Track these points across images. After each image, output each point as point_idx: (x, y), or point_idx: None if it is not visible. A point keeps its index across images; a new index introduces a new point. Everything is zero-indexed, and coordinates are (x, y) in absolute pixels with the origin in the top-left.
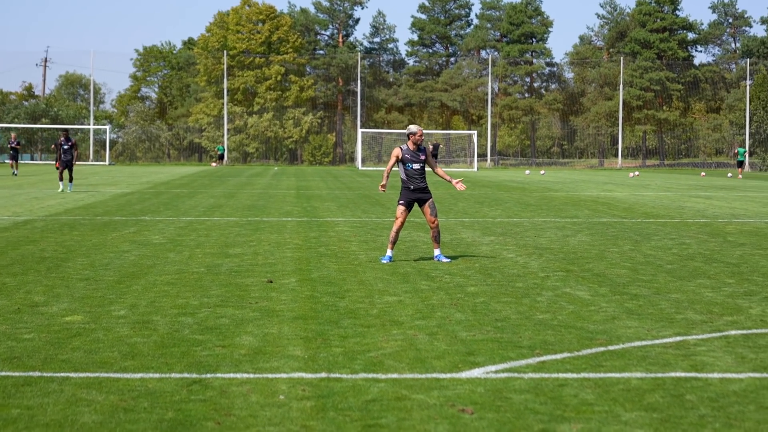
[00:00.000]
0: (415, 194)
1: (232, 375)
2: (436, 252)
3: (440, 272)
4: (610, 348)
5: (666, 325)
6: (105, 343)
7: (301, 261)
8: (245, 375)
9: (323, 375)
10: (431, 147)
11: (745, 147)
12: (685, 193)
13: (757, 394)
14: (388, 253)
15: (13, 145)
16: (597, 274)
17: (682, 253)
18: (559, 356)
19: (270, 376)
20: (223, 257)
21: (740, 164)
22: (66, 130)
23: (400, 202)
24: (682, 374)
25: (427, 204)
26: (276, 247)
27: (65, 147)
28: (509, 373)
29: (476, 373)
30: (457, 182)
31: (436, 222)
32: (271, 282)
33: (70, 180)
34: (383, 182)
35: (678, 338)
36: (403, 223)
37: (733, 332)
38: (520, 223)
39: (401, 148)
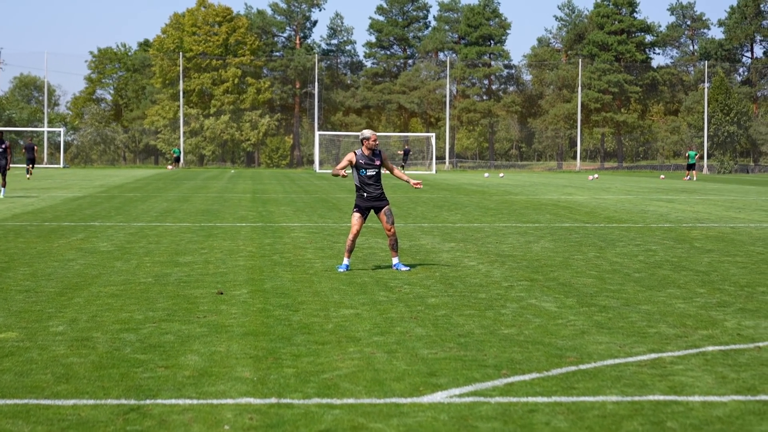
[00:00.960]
0: (370, 202)
1: (173, 401)
2: (395, 261)
3: (399, 282)
4: (582, 367)
5: (639, 341)
6: (38, 363)
7: (254, 270)
8: (188, 401)
9: (273, 400)
10: (402, 151)
11: (695, 150)
12: (646, 196)
13: (743, 420)
14: (345, 261)
15: None
16: (563, 283)
17: (649, 261)
18: (527, 377)
19: (215, 401)
20: (173, 266)
21: (690, 167)
22: (0, 131)
23: (355, 209)
24: (661, 397)
25: (383, 211)
26: (228, 255)
27: None
28: (475, 396)
29: (439, 397)
30: (415, 183)
31: (392, 230)
32: (222, 294)
33: (3, 185)
34: (337, 170)
35: (653, 355)
36: (358, 231)
37: (710, 348)
38: (481, 228)
39: (356, 153)
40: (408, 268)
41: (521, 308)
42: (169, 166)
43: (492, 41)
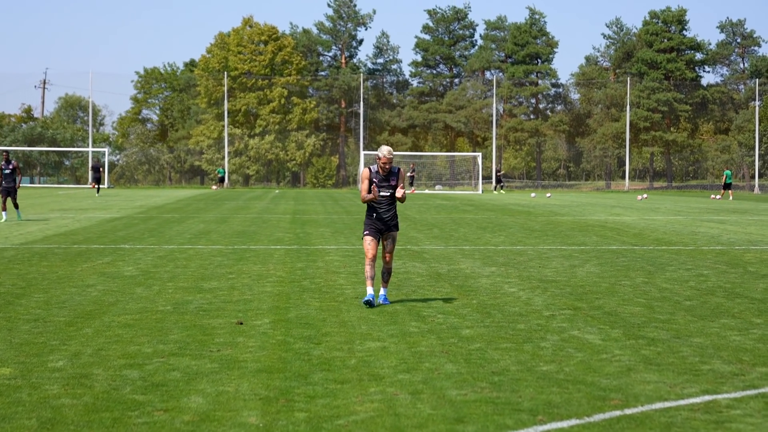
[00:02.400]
0: (379, 224)
1: None
2: (382, 291)
3: (433, 311)
4: (627, 412)
5: (691, 380)
6: (26, 406)
7: (280, 297)
8: None
9: None
10: (410, 170)
11: (731, 170)
12: (696, 217)
13: None
14: (368, 291)
15: None
16: (608, 312)
17: (700, 287)
18: (566, 423)
19: None
20: (196, 293)
21: (727, 186)
22: (6, 152)
23: (365, 233)
24: None
25: (389, 236)
26: (256, 281)
27: (5, 171)
28: None
29: None
30: (400, 191)
31: (389, 258)
32: (242, 324)
33: (16, 207)
34: (373, 195)
35: (707, 397)
36: (375, 256)
37: None
38: (524, 251)
39: (370, 170)
40: (367, 299)
41: (562, 341)
42: (214, 186)
43: (539, 60)
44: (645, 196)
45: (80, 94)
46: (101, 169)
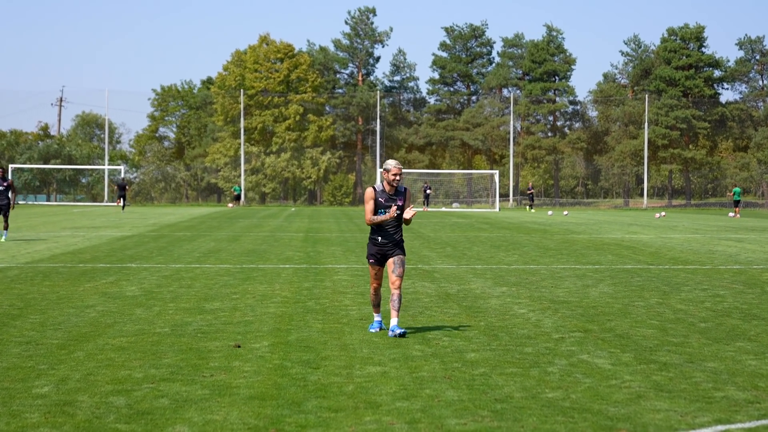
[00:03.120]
0: (382, 248)
1: None
2: (393, 322)
3: (439, 333)
4: None
5: (703, 408)
6: None
7: (282, 318)
8: None
9: None
10: (423, 191)
11: (740, 187)
12: (714, 235)
13: None
14: (375, 318)
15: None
16: (620, 335)
17: (716, 308)
18: None
19: None
20: (197, 314)
21: (736, 203)
22: (2, 168)
23: (370, 259)
24: None
25: (393, 258)
26: (260, 301)
27: (0, 188)
28: None
29: None
30: (410, 212)
31: (398, 282)
32: (239, 347)
33: (6, 227)
34: (387, 216)
35: (720, 427)
36: (380, 283)
37: None
38: (537, 270)
39: (374, 189)
40: (403, 332)
41: (571, 365)
42: (230, 204)
43: (557, 77)
44: (663, 214)
45: (97, 111)
46: (127, 186)
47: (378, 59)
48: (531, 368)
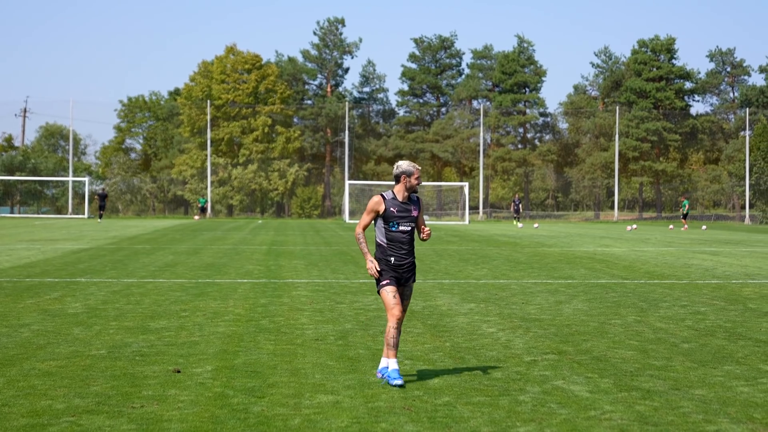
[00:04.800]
0: (398, 272)
1: None
2: (388, 363)
3: (400, 356)
4: None
5: None
6: None
7: (231, 339)
8: None
9: None
10: None
11: (688, 199)
12: (688, 248)
13: None
14: (392, 365)
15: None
16: (597, 357)
17: (698, 327)
18: None
19: None
20: (139, 333)
21: (685, 216)
22: None
23: (385, 282)
24: None
25: (405, 289)
26: (210, 319)
27: None
28: None
29: None
30: (427, 231)
31: (403, 316)
32: (179, 372)
33: None
34: (367, 259)
35: None
36: (402, 314)
37: None
38: (508, 285)
39: (383, 197)
40: (401, 382)
41: (544, 393)
42: (196, 217)
43: (527, 89)
44: (634, 226)
45: (62, 123)
46: (106, 198)
47: (347, 70)
48: (500, 397)
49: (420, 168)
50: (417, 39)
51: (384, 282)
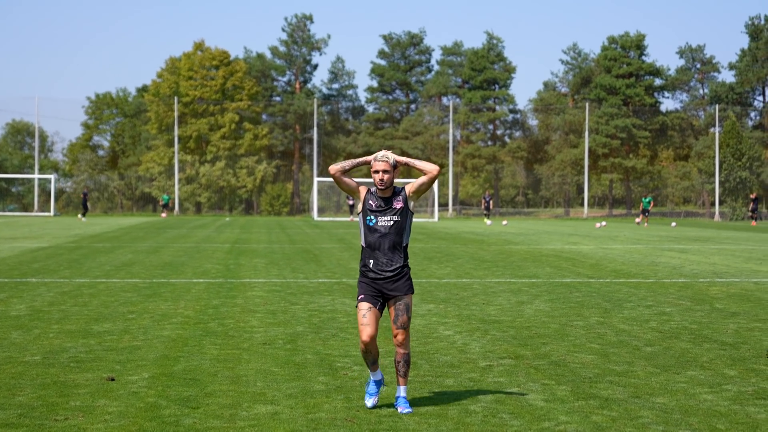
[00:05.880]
0: (378, 283)
1: None
2: (400, 391)
3: (349, 361)
4: None
5: None
6: None
7: (175, 343)
8: None
9: None
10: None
11: (649, 197)
12: (656, 245)
13: None
14: (372, 376)
15: None
16: (555, 362)
17: (663, 328)
18: None
19: None
20: (80, 337)
21: (644, 212)
22: None
23: (360, 297)
24: None
25: (396, 304)
26: (157, 322)
27: None
28: None
29: None
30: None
31: (402, 337)
32: (113, 380)
33: None
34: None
35: None
36: (373, 336)
37: None
38: (470, 285)
39: (370, 190)
40: (410, 410)
41: (497, 402)
42: (163, 214)
43: (497, 85)
44: (604, 223)
45: (28, 119)
46: (87, 195)
47: (316, 67)
48: (450, 406)
49: (389, 160)
50: (386, 36)
51: (359, 297)
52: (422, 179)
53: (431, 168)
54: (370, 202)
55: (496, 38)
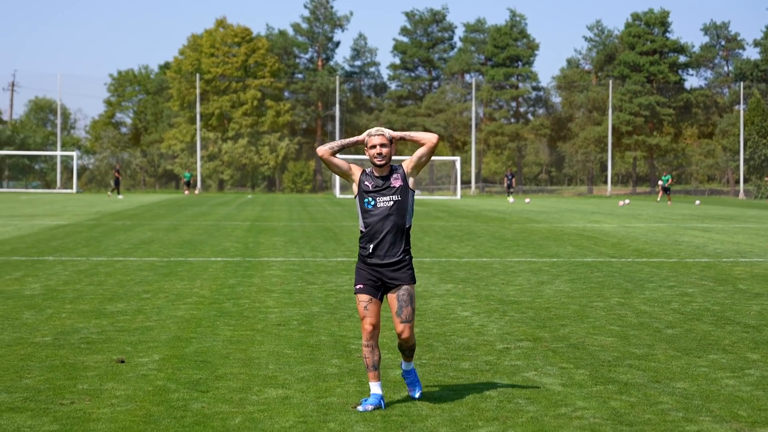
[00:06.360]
0: (378, 271)
1: None
2: (406, 366)
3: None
4: None
5: None
6: None
7: (188, 324)
8: None
9: None
10: None
11: (668, 175)
12: (680, 224)
13: None
14: (373, 389)
15: None
16: (574, 345)
17: (684, 310)
18: None
19: None
20: (92, 318)
21: (665, 190)
22: None
23: (357, 287)
24: None
25: (399, 293)
26: (171, 302)
27: None
28: None
29: None
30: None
31: (407, 332)
32: (123, 362)
33: None
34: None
35: None
36: (375, 326)
37: None
38: (490, 264)
39: (365, 171)
40: (420, 392)
41: (513, 386)
42: (186, 191)
43: (520, 62)
44: (627, 201)
45: (51, 96)
46: (119, 173)
47: (338, 44)
48: (465, 391)
49: (384, 133)
50: (408, 12)
51: (356, 287)
52: (420, 151)
53: (429, 137)
54: (366, 183)
55: (519, 15)
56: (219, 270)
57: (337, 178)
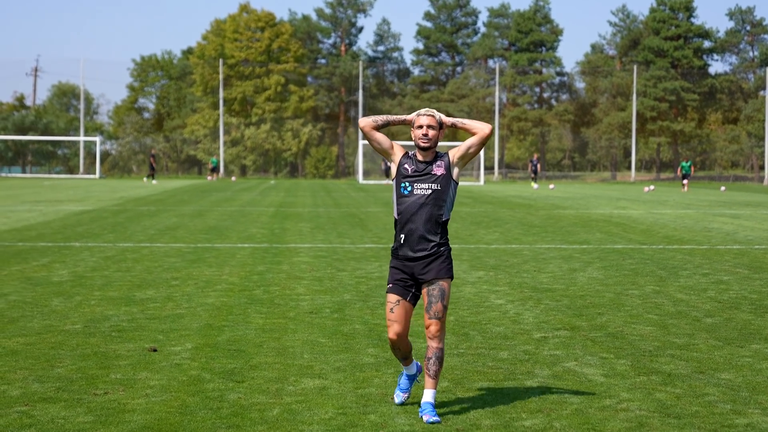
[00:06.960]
0: (409, 266)
1: None
2: (427, 396)
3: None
4: None
5: None
6: None
7: (220, 311)
8: None
9: None
10: None
11: (690, 161)
12: (707, 210)
13: None
14: (405, 369)
15: None
16: (612, 334)
17: (721, 298)
18: None
19: None
20: (122, 305)
21: (685, 177)
22: None
23: (389, 285)
24: None
25: (430, 288)
26: (201, 289)
27: None
28: None
29: None
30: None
31: (436, 329)
32: (155, 351)
33: None
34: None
35: None
36: (399, 335)
37: None
38: (520, 251)
39: (407, 153)
40: (438, 419)
41: (554, 377)
42: (209, 177)
43: (543, 48)
44: (652, 187)
45: (74, 81)
46: (154, 158)
47: (361, 29)
48: (505, 381)
49: (433, 115)
50: None
51: (388, 285)
52: (470, 141)
53: (482, 127)
54: (406, 166)
55: (543, 0)
56: (247, 256)
57: (361, 164)
